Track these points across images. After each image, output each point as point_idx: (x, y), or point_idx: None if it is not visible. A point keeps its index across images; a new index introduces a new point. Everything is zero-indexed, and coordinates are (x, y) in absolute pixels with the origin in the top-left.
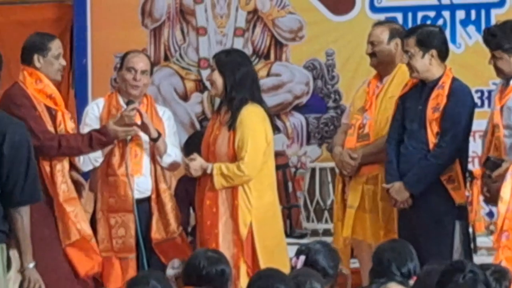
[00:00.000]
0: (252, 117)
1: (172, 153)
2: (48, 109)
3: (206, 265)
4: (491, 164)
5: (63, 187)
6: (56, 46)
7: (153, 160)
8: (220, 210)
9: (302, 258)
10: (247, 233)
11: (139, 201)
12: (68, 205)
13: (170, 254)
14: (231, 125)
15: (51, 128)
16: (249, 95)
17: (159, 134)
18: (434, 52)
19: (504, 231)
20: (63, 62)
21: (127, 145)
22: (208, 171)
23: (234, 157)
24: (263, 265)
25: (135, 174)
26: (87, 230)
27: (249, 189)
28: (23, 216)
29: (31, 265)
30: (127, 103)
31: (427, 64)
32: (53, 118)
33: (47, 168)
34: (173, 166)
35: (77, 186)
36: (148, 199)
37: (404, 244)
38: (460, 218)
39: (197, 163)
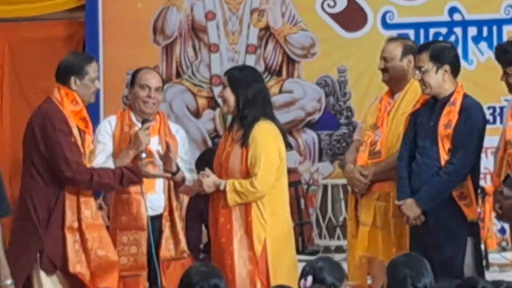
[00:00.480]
0: (265, 133)
1: (189, 179)
2: (79, 130)
3: (198, 280)
4: (511, 181)
5: (87, 213)
6: (93, 69)
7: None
8: (235, 227)
9: (310, 278)
10: (261, 249)
11: (151, 219)
12: (90, 231)
13: (173, 277)
14: (244, 142)
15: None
16: (261, 112)
17: (178, 169)
18: (447, 67)
19: None
20: (98, 85)
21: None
22: (221, 187)
23: (247, 174)
24: (273, 282)
25: (148, 192)
26: (112, 256)
27: (262, 205)
28: None
29: (9, 281)
30: (142, 122)
31: (441, 80)
32: (82, 140)
33: (73, 195)
34: (187, 192)
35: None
36: (159, 216)
37: (418, 259)
38: (472, 234)
39: (210, 180)
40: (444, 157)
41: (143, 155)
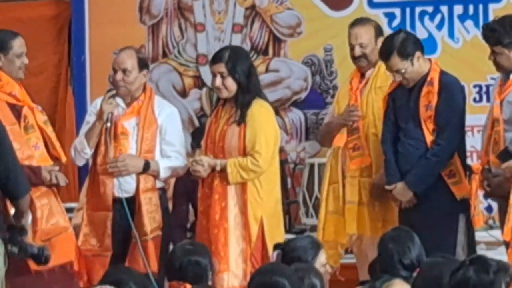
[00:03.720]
0: (263, 112)
1: (169, 162)
2: (12, 106)
3: (180, 256)
4: (504, 155)
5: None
6: (18, 44)
7: None
8: (230, 205)
9: (278, 252)
10: (258, 227)
11: (126, 200)
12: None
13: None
14: (241, 120)
15: (15, 126)
16: (256, 92)
17: (146, 164)
18: (418, 53)
19: None
20: (25, 60)
21: (111, 143)
22: (218, 168)
23: (245, 152)
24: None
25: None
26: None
27: (260, 184)
28: (25, 207)
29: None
30: (107, 91)
31: (418, 67)
32: (18, 114)
33: None
34: (173, 175)
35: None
36: (133, 198)
37: (406, 233)
38: (463, 211)
39: (205, 164)
40: (429, 138)
41: (108, 124)
